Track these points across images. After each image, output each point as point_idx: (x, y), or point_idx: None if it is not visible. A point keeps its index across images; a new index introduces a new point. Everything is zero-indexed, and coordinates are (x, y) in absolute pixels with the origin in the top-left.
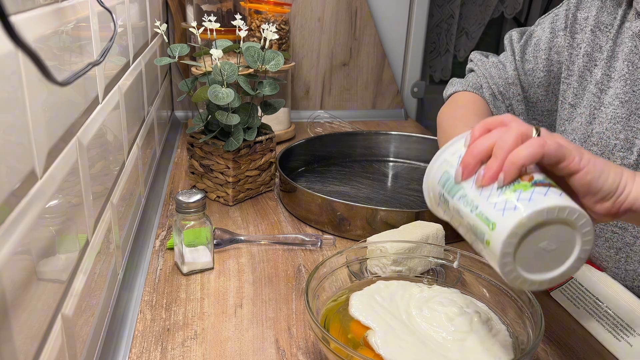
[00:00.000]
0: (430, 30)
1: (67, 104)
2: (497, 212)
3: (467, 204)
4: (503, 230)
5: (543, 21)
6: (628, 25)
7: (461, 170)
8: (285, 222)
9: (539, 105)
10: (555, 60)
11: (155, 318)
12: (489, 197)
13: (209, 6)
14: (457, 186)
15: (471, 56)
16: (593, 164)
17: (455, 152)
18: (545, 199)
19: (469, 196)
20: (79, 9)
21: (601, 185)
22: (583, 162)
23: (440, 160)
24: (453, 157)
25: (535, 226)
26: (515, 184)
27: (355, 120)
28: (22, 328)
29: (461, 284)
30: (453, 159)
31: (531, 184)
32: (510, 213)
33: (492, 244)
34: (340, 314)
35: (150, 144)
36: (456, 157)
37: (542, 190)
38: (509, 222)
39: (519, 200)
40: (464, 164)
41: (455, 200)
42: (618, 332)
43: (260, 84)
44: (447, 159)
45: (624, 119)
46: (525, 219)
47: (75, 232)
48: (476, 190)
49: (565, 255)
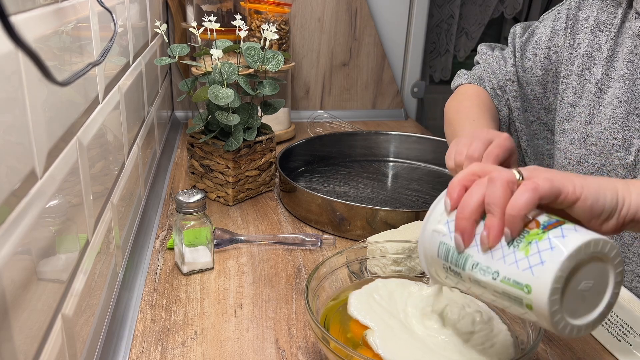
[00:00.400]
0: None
1: (67, 104)
2: (524, 272)
3: (485, 272)
4: (543, 291)
5: (546, 17)
6: (628, 25)
7: (460, 238)
8: (285, 222)
9: (536, 102)
10: (554, 60)
11: (155, 318)
12: (505, 259)
13: (209, 6)
14: (462, 256)
15: (478, 48)
16: (588, 188)
17: (440, 219)
18: (567, 242)
19: (482, 263)
20: (79, 9)
21: (602, 206)
22: (577, 189)
23: (428, 233)
24: (440, 225)
25: (570, 273)
26: (526, 236)
27: (355, 120)
28: (22, 328)
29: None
30: (442, 228)
31: (542, 231)
32: (540, 270)
33: (535, 307)
34: (340, 314)
35: (151, 144)
36: (443, 225)
37: (557, 232)
38: (544, 280)
39: (541, 253)
40: (460, 230)
41: (468, 272)
42: (618, 332)
43: (260, 84)
44: (436, 230)
45: (623, 118)
46: (560, 271)
47: (75, 232)
48: (485, 254)
49: (603, 287)
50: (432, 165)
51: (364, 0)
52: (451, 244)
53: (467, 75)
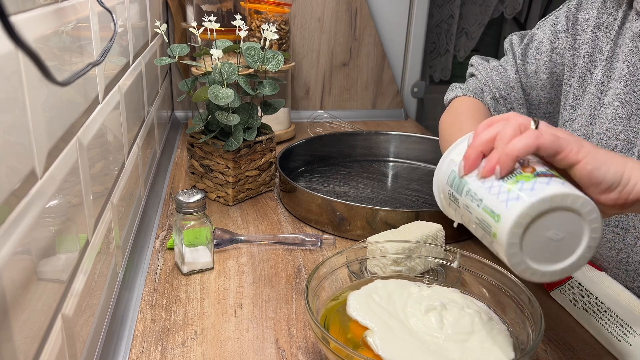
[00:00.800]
0: (430, 30)
1: (67, 104)
2: (500, 203)
3: (474, 199)
4: (507, 221)
5: (543, 24)
6: (628, 25)
7: (463, 163)
8: (285, 222)
9: (541, 107)
10: (557, 62)
11: (155, 318)
12: (491, 189)
13: (209, 6)
14: (462, 182)
15: (472, 61)
16: (593, 155)
17: (461, 152)
18: (547, 188)
19: (473, 190)
20: (79, 9)
21: (603, 175)
22: (582, 153)
23: (447, 161)
24: (458, 156)
25: (539, 214)
26: (518, 175)
27: (355, 120)
28: (22, 328)
29: (461, 284)
30: (458, 158)
31: (533, 175)
32: (514, 203)
33: (498, 236)
34: (340, 314)
35: (151, 144)
36: (461, 156)
37: (544, 180)
38: (512, 212)
39: (521, 190)
40: (465, 157)
41: (463, 197)
42: (618, 332)
43: (260, 84)
44: (453, 159)
45: (625, 119)
46: (528, 208)
47: (75, 232)
48: (480, 183)
49: (575, 245)
50: (432, 165)
51: (364, 0)
52: (456, 172)
53: (462, 88)
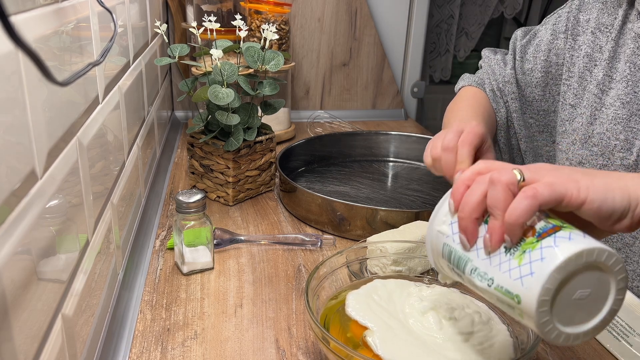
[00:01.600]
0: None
1: (67, 104)
2: (515, 282)
3: (482, 278)
4: (531, 302)
5: (547, 21)
6: (630, 26)
7: (465, 237)
8: (285, 222)
9: (535, 104)
10: (553, 62)
11: (155, 318)
12: (501, 266)
13: (209, 6)
14: (462, 259)
15: (482, 52)
16: (594, 190)
17: (444, 220)
18: (557, 252)
19: (480, 269)
20: (79, 9)
21: (611, 207)
22: (582, 192)
23: (434, 233)
24: (444, 226)
25: (560, 284)
26: (522, 244)
27: (355, 120)
28: (22, 328)
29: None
30: (446, 229)
31: (536, 239)
32: (529, 281)
33: (525, 316)
34: (340, 314)
35: (151, 144)
36: (447, 227)
37: (549, 241)
38: (532, 292)
39: (532, 264)
40: (462, 229)
41: (467, 276)
42: (618, 332)
43: (260, 84)
44: (440, 230)
45: (625, 119)
46: (547, 284)
47: (75, 232)
48: (484, 260)
49: (604, 295)
50: None
51: (364, 0)
52: (453, 246)
53: (470, 79)
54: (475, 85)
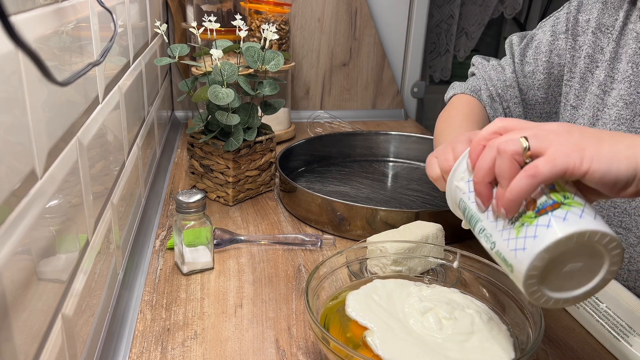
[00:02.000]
0: (430, 30)
1: (67, 104)
2: (511, 252)
3: (487, 240)
4: (520, 274)
5: (544, 24)
6: (632, 27)
7: (480, 200)
8: (285, 222)
9: (538, 107)
10: (555, 63)
11: (155, 318)
12: (502, 232)
13: (209, 6)
14: (474, 217)
15: (473, 60)
16: (597, 160)
17: (463, 176)
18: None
19: (487, 230)
20: (79, 9)
21: (615, 176)
22: (585, 163)
23: (452, 187)
24: (462, 182)
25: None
26: (523, 216)
27: (355, 120)
28: (22, 328)
29: (461, 284)
30: (463, 186)
31: (534, 214)
32: (522, 255)
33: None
34: (339, 314)
35: (151, 144)
36: (465, 183)
37: (545, 220)
38: (522, 266)
39: (527, 239)
40: (477, 193)
41: (476, 233)
42: (618, 332)
43: (260, 84)
44: (458, 186)
45: (629, 120)
46: (536, 261)
47: (75, 232)
48: (492, 222)
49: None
50: None
51: (364, 0)
52: (468, 203)
53: (461, 86)
54: (468, 92)
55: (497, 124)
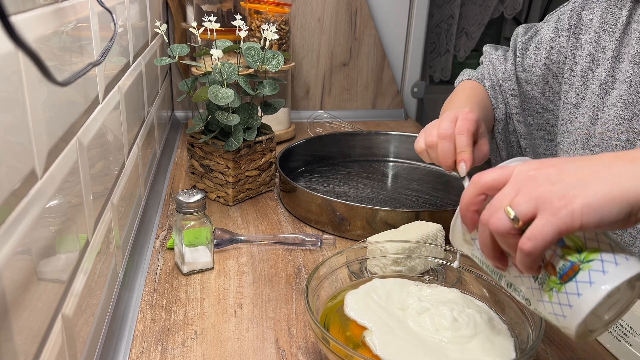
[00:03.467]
0: (430, 30)
1: (67, 104)
2: (550, 316)
3: (518, 294)
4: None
5: (550, 18)
6: (635, 26)
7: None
8: (285, 222)
9: (534, 102)
10: (554, 60)
11: (155, 318)
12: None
13: (209, 6)
14: (495, 271)
15: (484, 48)
16: (587, 213)
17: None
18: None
19: (515, 285)
20: (79, 9)
21: (609, 221)
22: (576, 219)
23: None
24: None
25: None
26: (547, 281)
27: (355, 120)
28: (23, 328)
29: (461, 283)
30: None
31: (559, 281)
32: (564, 321)
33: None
34: (339, 314)
35: (151, 144)
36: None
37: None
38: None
39: (562, 307)
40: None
41: (503, 285)
42: (618, 332)
43: (260, 84)
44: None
45: (627, 120)
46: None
47: (75, 232)
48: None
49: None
50: (432, 165)
51: (364, 0)
52: (484, 259)
53: (470, 73)
54: (475, 79)
55: (476, 185)
